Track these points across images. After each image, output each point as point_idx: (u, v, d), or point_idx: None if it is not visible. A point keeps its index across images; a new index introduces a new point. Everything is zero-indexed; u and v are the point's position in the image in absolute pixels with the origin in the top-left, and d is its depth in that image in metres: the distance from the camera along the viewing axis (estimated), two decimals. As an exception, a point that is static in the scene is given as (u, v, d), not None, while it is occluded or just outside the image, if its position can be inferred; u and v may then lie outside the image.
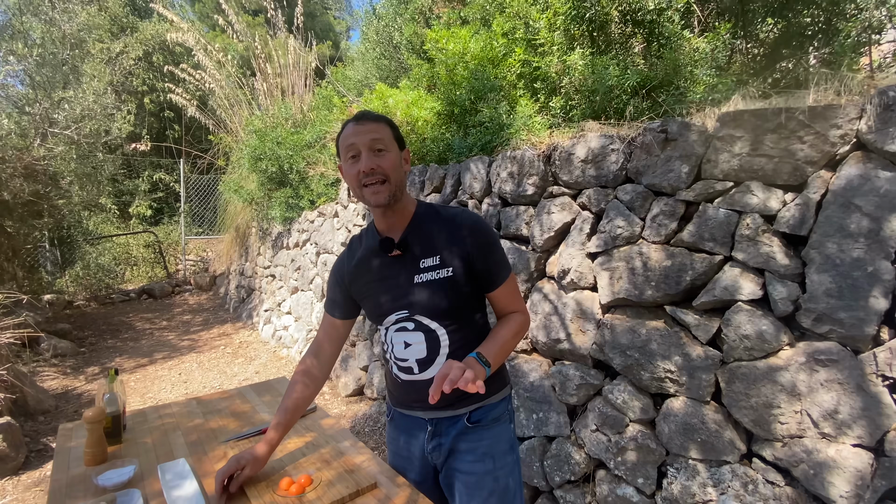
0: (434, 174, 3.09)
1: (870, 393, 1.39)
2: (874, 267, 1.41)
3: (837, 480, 1.41)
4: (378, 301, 1.15)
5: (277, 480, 1.13)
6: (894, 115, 1.37)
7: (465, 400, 1.14)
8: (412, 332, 1.12)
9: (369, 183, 1.04)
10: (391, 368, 1.20)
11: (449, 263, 1.09)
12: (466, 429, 1.16)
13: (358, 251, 1.20)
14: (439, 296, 1.09)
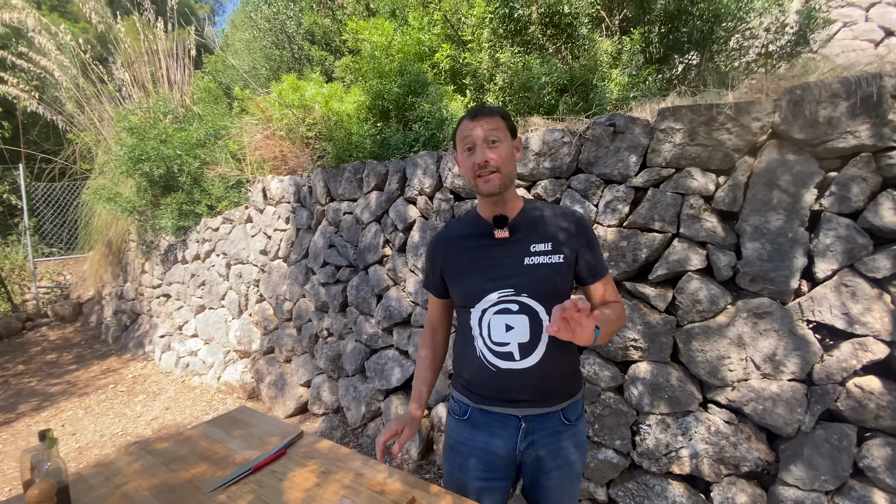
0: (373, 171, 2.97)
1: (798, 335, 1.72)
2: (793, 233, 1.73)
3: (781, 411, 1.72)
4: (478, 279, 1.16)
5: None
6: (800, 109, 1.69)
7: (558, 395, 1.17)
8: (516, 315, 1.13)
9: (483, 174, 1.12)
10: (482, 357, 1.16)
11: (560, 251, 1.15)
12: (563, 426, 1.18)
13: (456, 231, 1.26)
14: (550, 278, 1.13)
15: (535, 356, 1.12)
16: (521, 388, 1.14)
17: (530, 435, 1.16)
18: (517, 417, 1.16)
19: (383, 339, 2.93)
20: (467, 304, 1.18)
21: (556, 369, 1.14)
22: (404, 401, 2.78)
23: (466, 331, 1.20)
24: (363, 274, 3.07)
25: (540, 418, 1.16)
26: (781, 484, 1.73)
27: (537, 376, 1.12)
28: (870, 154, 1.60)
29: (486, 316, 1.15)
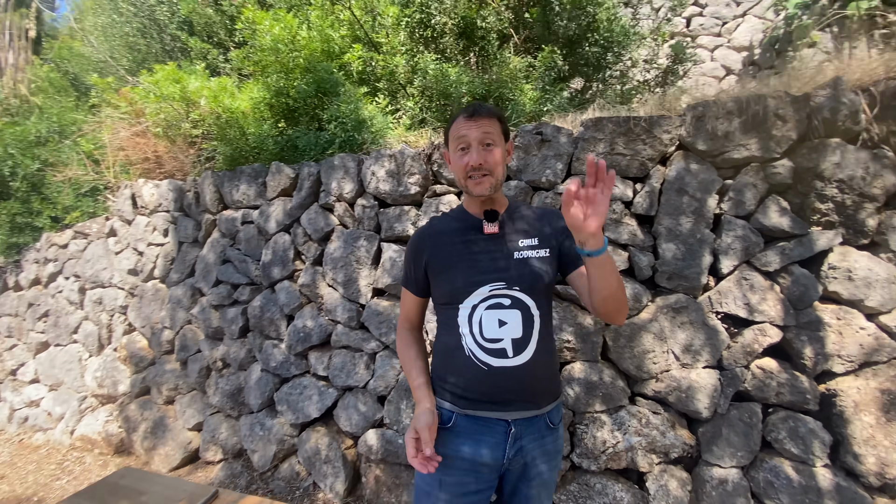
0: (280, 174, 2.65)
1: (710, 326, 1.90)
2: (700, 234, 1.93)
3: (700, 396, 1.88)
4: (468, 272, 1.14)
5: None
6: (703, 124, 1.90)
7: (546, 396, 1.16)
8: (508, 310, 1.11)
9: (475, 175, 1.12)
10: (472, 356, 1.12)
11: (546, 245, 1.17)
12: (547, 430, 1.16)
13: (442, 227, 1.23)
14: (539, 271, 1.14)
15: (527, 353, 1.10)
16: (514, 388, 1.11)
17: (519, 441, 1.12)
18: (506, 422, 1.11)
19: (296, 365, 2.59)
20: (455, 300, 1.14)
21: (545, 368, 1.14)
22: (326, 433, 2.47)
23: (452, 330, 1.16)
24: (269, 292, 2.70)
25: (528, 422, 1.12)
26: (704, 465, 1.88)
27: (530, 375, 1.11)
28: (759, 164, 1.86)
29: (476, 312, 1.12)
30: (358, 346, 2.42)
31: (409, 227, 2.35)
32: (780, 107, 1.79)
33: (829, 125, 1.74)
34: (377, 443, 2.31)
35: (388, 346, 2.38)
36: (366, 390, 2.41)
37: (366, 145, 2.56)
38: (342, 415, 2.43)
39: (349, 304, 2.46)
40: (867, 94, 1.71)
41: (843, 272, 1.74)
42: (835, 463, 1.72)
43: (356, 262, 2.44)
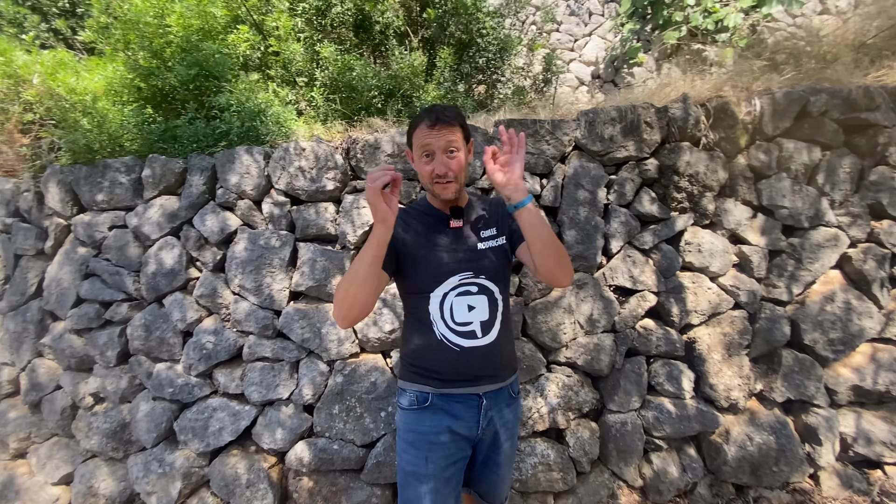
0: (162, 169, 2.28)
1: (605, 297, 2.27)
2: (595, 221, 2.28)
3: (602, 356, 2.23)
4: (439, 262, 1.24)
5: None
6: (594, 128, 2.24)
7: (508, 369, 1.32)
8: (476, 296, 1.24)
9: (441, 181, 1.21)
10: (444, 340, 1.23)
11: (502, 233, 1.31)
12: (511, 399, 1.33)
13: (410, 219, 1.30)
14: (500, 259, 1.29)
15: (493, 332, 1.26)
16: (483, 365, 1.26)
17: (489, 412, 1.28)
18: (478, 395, 1.26)
19: (200, 387, 2.29)
20: (427, 289, 1.24)
21: (507, 344, 1.33)
22: (243, 456, 2.25)
23: (423, 318, 1.26)
24: (156, 308, 2.32)
25: (495, 394, 1.29)
26: (608, 413, 2.25)
27: (496, 351, 1.27)
28: (634, 162, 2.27)
29: (447, 299, 1.24)
30: (277, 357, 2.25)
31: (327, 225, 2.26)
32: (648, 116, 2.22)
33: (682, 131, 2.22)
34: (309, 454, 2.19)
35: (313, 352, 2.27)
36: (290, 402, 2.26)
37: (269, 137, 2.36)
38: (263, 433, 2.24)
39: (262, 311, 2.27)
40: (704, 108, 2.24)
41: (695, 246, 2.25)
42: (697, 394, 2.23)
43: (268, 266, 2.25)
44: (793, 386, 2.20)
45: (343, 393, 2.20)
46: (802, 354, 2.24)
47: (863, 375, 2.20)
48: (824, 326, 2.20)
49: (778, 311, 2.25)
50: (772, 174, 2.24)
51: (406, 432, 1.29)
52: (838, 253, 2.24)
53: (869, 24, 2.73)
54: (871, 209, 2.25)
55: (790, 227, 2.26)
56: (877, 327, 2.21)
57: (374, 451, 2.19)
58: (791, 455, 2.13)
